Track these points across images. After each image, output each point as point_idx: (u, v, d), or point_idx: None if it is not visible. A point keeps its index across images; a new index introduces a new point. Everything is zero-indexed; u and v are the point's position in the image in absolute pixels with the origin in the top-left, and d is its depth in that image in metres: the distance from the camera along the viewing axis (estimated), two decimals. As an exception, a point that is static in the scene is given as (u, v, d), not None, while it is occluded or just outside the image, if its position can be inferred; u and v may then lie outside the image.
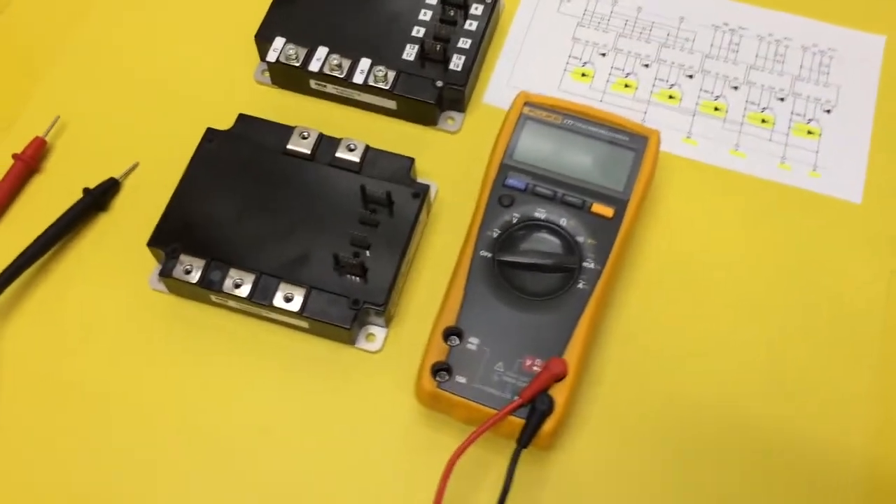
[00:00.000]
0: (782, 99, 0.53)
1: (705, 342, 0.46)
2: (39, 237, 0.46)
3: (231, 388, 0.45)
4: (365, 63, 0.51)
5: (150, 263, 0.47)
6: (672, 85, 0.53)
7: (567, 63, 0.54)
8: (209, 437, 0.43)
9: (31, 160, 0.49)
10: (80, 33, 0.55)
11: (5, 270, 0.45)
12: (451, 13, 0.52)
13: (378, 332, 0.46)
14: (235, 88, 0.53)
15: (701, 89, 0.53)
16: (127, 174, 0.50)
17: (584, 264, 0.43)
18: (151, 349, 0.46)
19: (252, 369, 0.45)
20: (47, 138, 0.50)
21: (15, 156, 0.49)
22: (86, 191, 0.48)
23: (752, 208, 0.49)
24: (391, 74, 0.50)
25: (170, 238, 0.45)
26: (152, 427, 0.44)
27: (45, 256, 0.47)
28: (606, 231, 0.44)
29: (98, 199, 0.48)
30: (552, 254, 0.44)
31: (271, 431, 0.44)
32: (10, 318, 0.46)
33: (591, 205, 0.45)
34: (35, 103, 0.53)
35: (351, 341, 0.45)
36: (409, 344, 0.45)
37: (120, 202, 0.50)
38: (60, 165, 0.50)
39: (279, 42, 0.51)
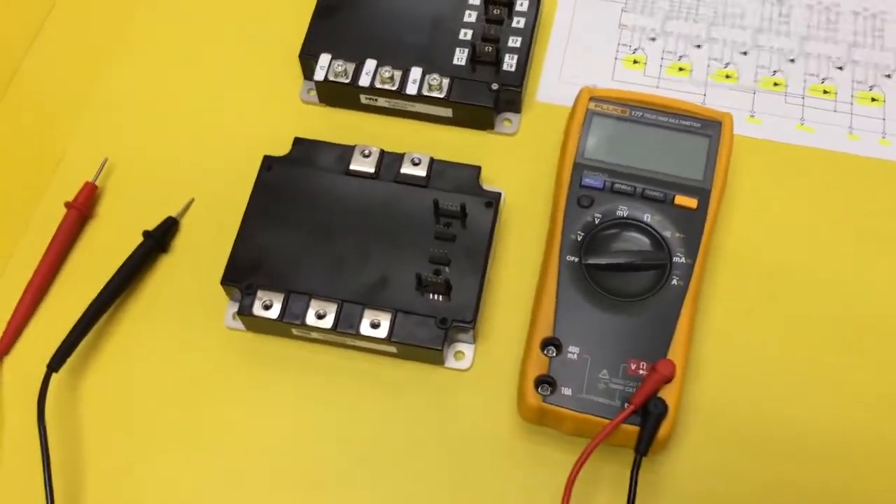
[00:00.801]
0: (841, 68, 0.52)
1: (803, 332, 0.44)
2: (105, 287, 0.44)
3: (321, 422, 0.43)
4: (416, 72, 0.49)
5: (220, 301, 0.45)
6: (727, 63, 0.52)
7: (617, 51, 0.53)
8: (304, 475, 0.42)
9: (84, 207, 0.47)
10: (116, 68, 0.53)
11: (79, 321, 0.43)
12: (497, 12, 0.51)
13: (466, 349, 0.44)
14: (283, 111, 0.52)
15: (757, 65, 0.52)
16: (184, 211, 0.48)
17: (675, 259, 0.42)
18: (234, 388, 0.44)
19: (341, 400, 0.44)
20: (97, 182, 0.48)
21: (68, 204, 0.47)
22: (146, 234, 0.46)
23: (826, 183, 0.48)
24: (445, 82, 0.49)
25: (243, 274, 0.44)
26: (241, 470, 0.42)
27: (113, 305, 0.45)
28: (693, 223, 0.43)
29: (159, 240, 0.47)
30: (641, 252, 0.42)
31: (369, 462, 0.42)
32: (87, 370, 0.44)
33: (674, 197, 0.43)
34: (77, 142, 0.51)
35: (441, 361, 0.44)
36: (499, 358, 0.44)
37: (180, 241, 0.48)
38: (114, 208, 0.49)
39: (325, 59, 0.50)
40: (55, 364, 0.42)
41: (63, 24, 0.55)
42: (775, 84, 0.51)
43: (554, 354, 0.41)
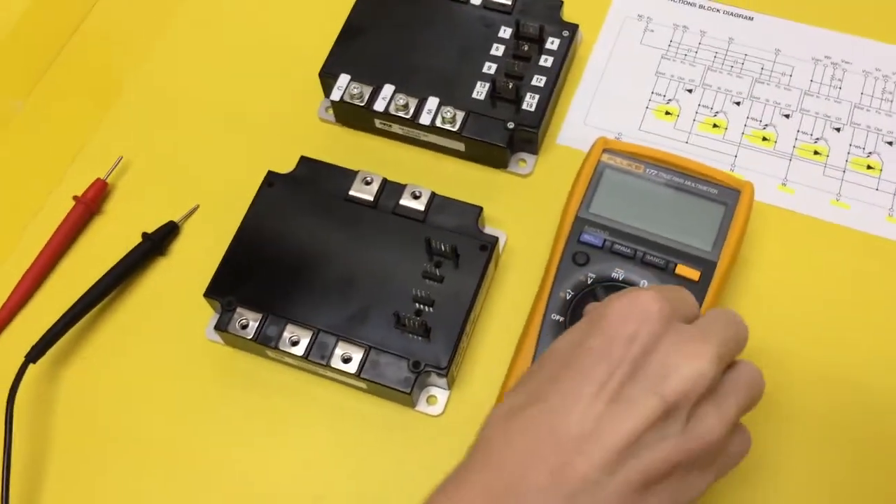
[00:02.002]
0: (891, 143, 0.48)
1: (814, 437, 0.41)
2: (97, 283, 0.45)
3: (285, 448, 0.43)
4: (433, 102, 0.48)
5: (207, 311, 0.45)
6: (766, 125, 0.49)
7: (650, 100, 0.50)
8: (260, 496, 0.42)
9: (92, 203, 0.48)
10: (143, 71, 0.54)
11: (63, 316, 0.44)
12: (525, 48, 0.49)
13: (440, 394, 0.43)
14: (299, 126, 0.51)
15: (799, 130, 0.49)
16: (186, 217, 0.49)
17: (666, 333, 0.40)
18: (205, 401, 0.44)
19: (307, 428, 0.43)
20: (108, 179, 0.49)
21: (76, 198, 0.48)
22: (144, 235, 0.47)
23: (858, 268, 0.45)
24: (460, 115, 0.47)
25: (226, 289, 0.44)
26: (201, 481, 0.42)
27: (103, 301, 0.46)
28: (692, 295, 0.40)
29: (157, 243, 0.47)
30: (630, 320, 0.40)
31: (325, 498, 0.41)
32: (67, 363, 0.45)
33: (676, 266, 0.41)
34: (97, 139, 0.52)
35: (411, 404, 0.42)
36: (474, 408, 0.42)
37: (179, 246, 0.48)
38: (121, 206, 0.49)
39: (343, 80, 0.49)
40: (33, 355, 0.43)
41: (98, 25, 0.56)
42: (815, 153, 0.48)
43: (522, 416, 0.39)
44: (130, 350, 0.45)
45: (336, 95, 0.49)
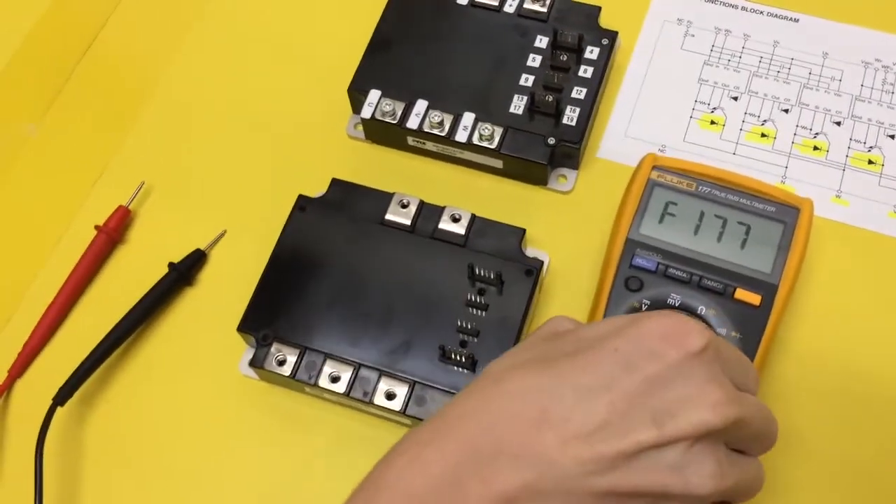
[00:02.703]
0: (950, 149, 0.46)
1: (878, 460, 0.39)
2: (123, 319, 0.43)
3: (326, 487, 0.41)
4: (468, 118, 0.46)
5: (239, 344, 0.43)
6: (816, 134, 0.47)
7: (693, 109, 0.48)
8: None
9: (115, 232, 0.46)
10: (163, 89, 0.52)
11: (90, 355, 0.42)
12: (563, 58, 0.47)
13: (488, 428, 0.41)
14: (327, 144, 0.49)
15: (851, 138, 0.46)
16: (213, 244, 0.47)
17: (728, 362, 0.38)
18: (241, 440, 0.42)
19: (349, 468, 0.40)
20: (130, 206, 0.47)
21: (97, 227, 0.46)
22: (171, 266, 0.45)
23: (917, 283, 0.43)
24: (497, 132, 0.45)
25: (261, 323, 0.42)
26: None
27: (131, 337, 0.44)
28: (753, 322, 0.38)
29: (184, 273, 0.45)
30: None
31: (372, 539, 0.40)
32: (94, 402, 0.43)
33: (735, 290, 0.39)
34: (117, 163, 0.49)
35: (458, 440, 0.41)
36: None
37: (206, 275, 0.46)
38: (144, 234, 0.47)
39: (374, 95, 0.47)
40: (61, 398, 0.41)
41: (113, 41, 0.54)
42: (870, 162, 0.46)
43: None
44: (159, 387, 0.44)
45: (367, 112, 0.46)
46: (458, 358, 0.40)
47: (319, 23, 0.53)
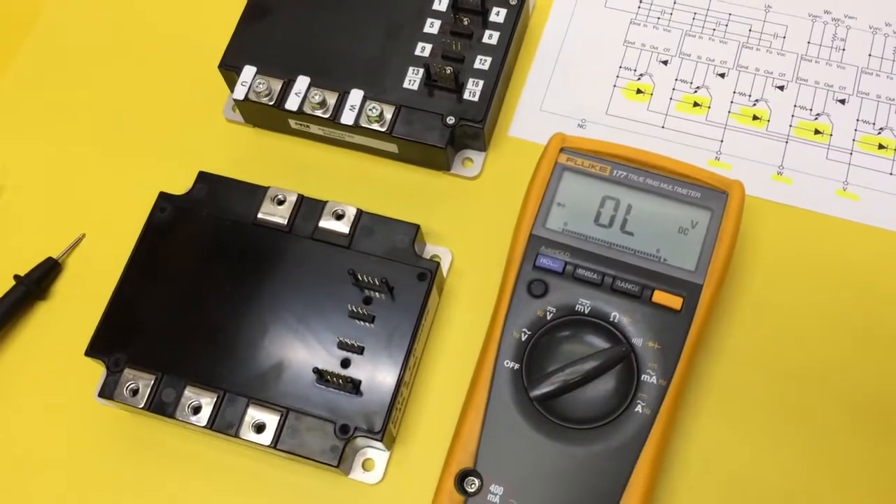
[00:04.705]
0: (907, 114, 0.40)
1: (809, 475, 0.34)
2: (-39, 343, 0.38)
3: (199, 529, 0.36)
4: (356, 96, 0.40)
5: (96, 367, 0.38)
6: (756, 101, 0.41)
7: (618, 76, 0.42)
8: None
9: (-48, 241, 0.40)
10: (7, 74, 0.45)
11: (-80, 388, 0.36)
12: (466, 22, 0.40)
13: (378, 456, 0.36)
14: (201, 130, 0.43)
15: (796, 105, 0.41)
16: (69, 251, 0.41)
17: (644, 378, 0.32)
18: (99, 476, 0.37)
19: (224, 505, 0.36)
20: (-28, 210, 0.41)
21: (-69, 237, 0.40)
22: (17, 278, 0.39)
23: (870, 271, 0.37)
24: (388, 111, 0.39)
25: (112, 345, 0.36)
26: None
27: (-26, 361, 0.38)
28: (673, 329, 0.33)
29: (34, 285, 0.39)
30: (599, 366, 0.33)
31: (248, 588, 0.35)
32: (-62, 439, 0.38)
33: (653, 292, 0.33)
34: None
35: (343, 472, 0.35)
36: (419, 471, 0.35)
37: (61, 286, 0.40)
38: (-10, 242, 0.41)
39: (248, 73, 0.40)
40: None
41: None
42: (816, 132, 0.40)
43: (473, 490, 0.32)
44: (5, 418, 0.38)
45: (240, 93, 0.40)
46: (338, 381, 0.34)
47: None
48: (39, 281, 0.39)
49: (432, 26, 0.41)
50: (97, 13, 0.46)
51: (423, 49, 0.41)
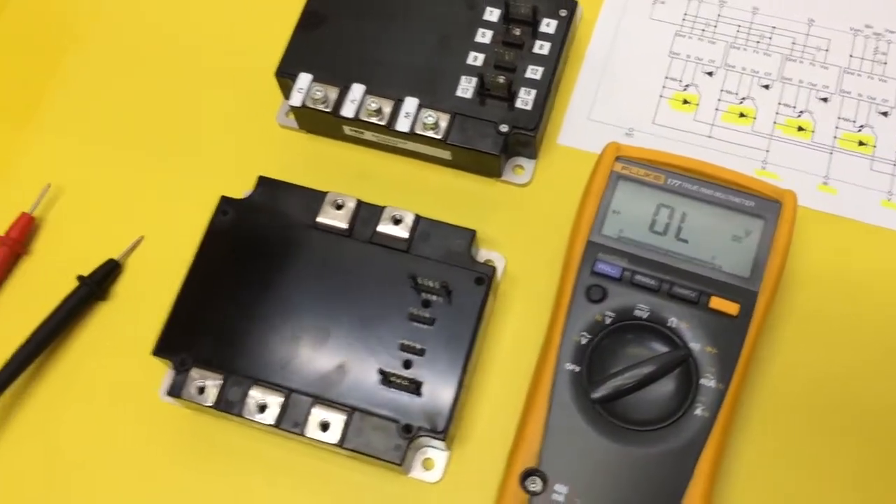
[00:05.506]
0: (948, 126, 0.41)
1: (867, 479, 0.35)
2: (27, 341, 0.38)
3: (261, 525, 0.37)
4: (411, 104, 0.41)
5: (160, 366, 0.38)
6: (801, 112, 0.42)
7: (664, 87, 0.43)
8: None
9: (17, 243, 0.41)
10: (66, 79, 0.46)
11: (-11, 385, 0.37)
12: (517, 32, 0.41)
13: (438, 456, 0.37)
14: (256, 136, 0.44)
15: (839, 117, 0.42)
16: (129, 252, 0.42)
17: (702, 382, 0.33)
18: (164, 474, 0.38)
19: (287, 502, 0.37)
20: (35, 212, 0.42)
21: (-2, 238, 0.41)
22: (81, 279, 0.40)
23: (913, 280, 0.39)
24: (443, 119, 0.40)
25: (179, 346, 0.37)
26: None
27: (36, 360, 0.39)
28: (731, 335, 0.34)
29: (96, 286, 0.40)
30: (658, 369, 0.34)
31: (310, 583, 0.36)
32: (1, 433, 0.39)
33: (709, 298, 0.34)
34: (17, 163, 0.44)
35: (404, 471, 0.36)
36: (477, 470, 0.36)
37: (122, 287, 0.41)
38: (51, 244, 0.42)
39: (304, 80, 0.41)
40: (-45, 436, 0.36)
41: (12, 27, 0.48)
42: (860, 143, 0.41)
43: (538, 490, 0.33)
44: (71, 417, 0.39)
45: (297, 100, 0.41)
46: (401, 382, 0.35)
47: (244, -2, 0.47)
48: (101, 282, 0.40)
49: (484, 36, 0.42)
50: (156, 21, 0.47)
51: (476, 58, 0.41)
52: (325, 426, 0.35)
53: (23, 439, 0.39)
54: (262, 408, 0.36)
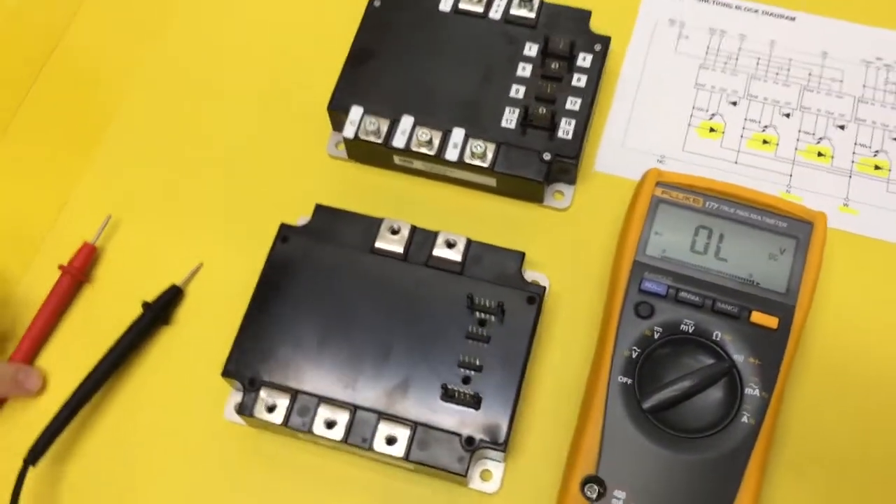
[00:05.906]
0: (957, 150, 0.44)
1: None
2: (96, 367, 0.40)
3: (326, 538, 0.38)
4: (458, 135, 0.43)
5: (224, 387, 0.40)
6: (820, 139, 0.45)
7: (691, 116, 0.46)
8: None
9: (80, 272, 0.42)
10: (126, 112, 0.48)
11: (62, 409, 0.39)
12: (555, 66, 0.44)
13: (495, 468, 0.39)
14: (307, 166, 0.46)
15: (856, 143, 0.45)
16: (189, 278, 0.43)
17: (747, 391, 0.36)
18: (229, 491, 0.39)
19: (349, 515, 0.39)
20: (97, 242, 0.43)
21: (62, 267, 0.42)
22: (145, 305, 0.42)
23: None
24: (490, 148, 0.43)
25: (246, 366, 0.39)
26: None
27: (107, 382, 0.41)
28: (771, 347, 0.36)
29: (160, 312, 0.42)
30: (705, 380, 0.36)
31: (377, 592, 0.37)
32: (69, 457, 0.40)
33: (751, 313, 0.37)
34: (79, 196, 0.46)
35: (464, 483, 0.38)
36: (533, 480, 0.38)
37: (184, 312, 0.43)
38: (113, 272, 0.44)
39: (356, 113, 0.44)
40: (33, 457, 0.38)
41: (69, 59, 0.50)
42: (876, 167, 0.44)
43: (595, 496, 0.35)
44: (139, 438, 0.40)
45: (349, 132, 0.44)
46: (462, 396, 0.37)
47: (293, 35, 0.50)
48: (165, 307, 0.42)
49: (524, 70, 0.45)
50: (212, 59, 0.49)
51: (518, 91, 0.44)
52: (391, 440, 0.37)
53: (94, 463, 0.40)
54: (330, 424, 0.37)
